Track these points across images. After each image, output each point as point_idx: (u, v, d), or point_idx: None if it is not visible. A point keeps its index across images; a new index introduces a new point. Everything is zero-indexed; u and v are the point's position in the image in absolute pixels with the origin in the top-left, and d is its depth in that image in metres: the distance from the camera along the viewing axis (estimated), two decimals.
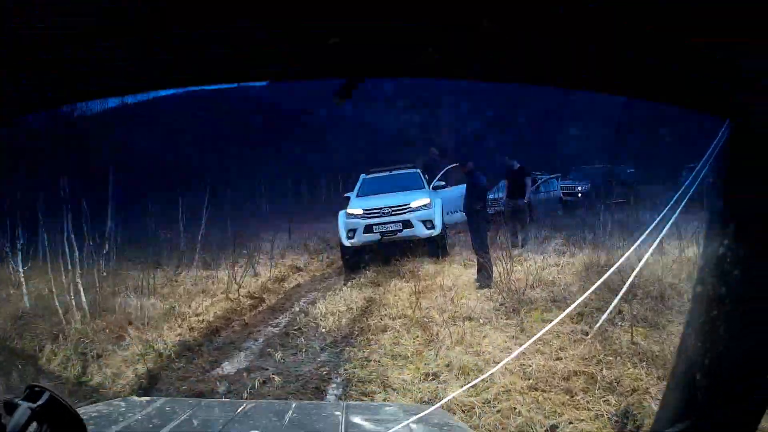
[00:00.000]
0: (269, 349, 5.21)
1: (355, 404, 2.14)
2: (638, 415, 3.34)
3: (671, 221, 1.96)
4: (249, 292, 7.68)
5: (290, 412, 1.45)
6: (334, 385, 4.41)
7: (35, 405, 0.78)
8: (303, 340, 5.49)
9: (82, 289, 6.50)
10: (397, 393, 4.06)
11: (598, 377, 3.85)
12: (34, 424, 0.78)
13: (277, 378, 4.40)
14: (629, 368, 3.91)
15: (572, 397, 3.71)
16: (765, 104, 0.51)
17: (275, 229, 13.28)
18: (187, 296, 7.29)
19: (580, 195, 12.76)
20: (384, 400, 3.85)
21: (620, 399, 3.59)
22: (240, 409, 1.47)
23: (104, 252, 7.92)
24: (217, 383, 4.35)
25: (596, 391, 3.72)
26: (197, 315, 6.41)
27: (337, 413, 1.45)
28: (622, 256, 6.10)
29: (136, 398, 1.76)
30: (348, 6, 0.49)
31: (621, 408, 3.46)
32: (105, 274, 7.66)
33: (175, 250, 9.81)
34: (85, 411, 1.42)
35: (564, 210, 12.07)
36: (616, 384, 3.76)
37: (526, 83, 0.65)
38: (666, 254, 5.80)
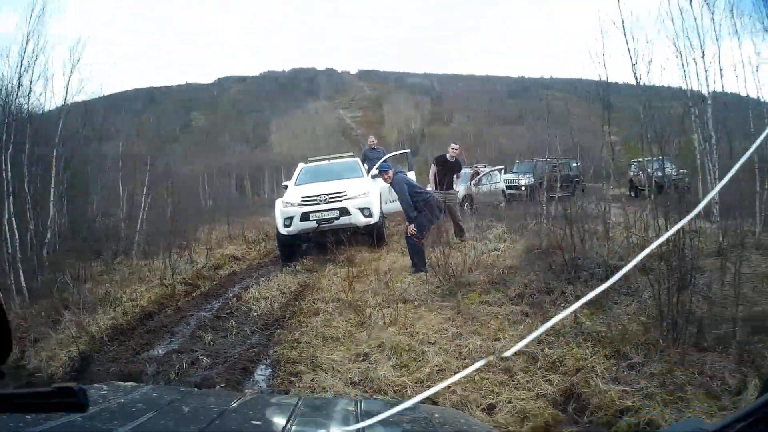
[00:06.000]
0: (200, 332, 5.02)
1: (369, 401, 2.11)
2: (583, 395, 3.02)
3: None
4: (184, 278, 7.56)
5: (296, 406, 1.26)
6: (262, 366, 4.23)
7: None
8: (234, 323, 5.29)
9: (22, 275, 7.00)
10: (326, 373, 3.69)
11: (539, 357, 3.53)
12: None
13: (205, 359, 4.22)
14: (573, 348, 3.60)
15: (511, 376, 3.35)
16: None
17: (216, 221, 13.78)
18: (123, 283, 7.18)
19: (523, 188, 12.57)
20: (312, 380, 3.60)
21: (563, 378, 3.27)
22: (239, 399, 1.32)
23: (45, 240, 8.06)
24: (146, 364, 4.23)
25: (537, 371, 3.39)
26: (132, 300, 6.27)
27: (349, 408, 1.33)
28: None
29: (119, 383, 1.62)
30: None
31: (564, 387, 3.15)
32: (46, 261, 7.84)
33: (115, 240, 10.01)
34: None
35: (507, 203, 11.93)
36: (558, 363, 3.44)
37: None
38: (612, 240, 5.64)
